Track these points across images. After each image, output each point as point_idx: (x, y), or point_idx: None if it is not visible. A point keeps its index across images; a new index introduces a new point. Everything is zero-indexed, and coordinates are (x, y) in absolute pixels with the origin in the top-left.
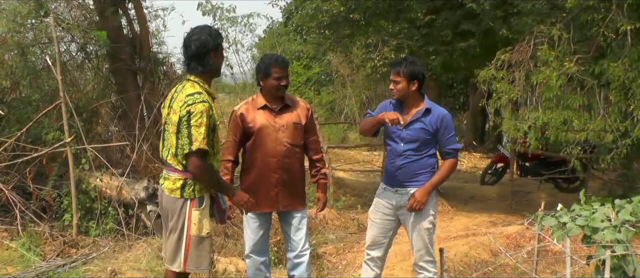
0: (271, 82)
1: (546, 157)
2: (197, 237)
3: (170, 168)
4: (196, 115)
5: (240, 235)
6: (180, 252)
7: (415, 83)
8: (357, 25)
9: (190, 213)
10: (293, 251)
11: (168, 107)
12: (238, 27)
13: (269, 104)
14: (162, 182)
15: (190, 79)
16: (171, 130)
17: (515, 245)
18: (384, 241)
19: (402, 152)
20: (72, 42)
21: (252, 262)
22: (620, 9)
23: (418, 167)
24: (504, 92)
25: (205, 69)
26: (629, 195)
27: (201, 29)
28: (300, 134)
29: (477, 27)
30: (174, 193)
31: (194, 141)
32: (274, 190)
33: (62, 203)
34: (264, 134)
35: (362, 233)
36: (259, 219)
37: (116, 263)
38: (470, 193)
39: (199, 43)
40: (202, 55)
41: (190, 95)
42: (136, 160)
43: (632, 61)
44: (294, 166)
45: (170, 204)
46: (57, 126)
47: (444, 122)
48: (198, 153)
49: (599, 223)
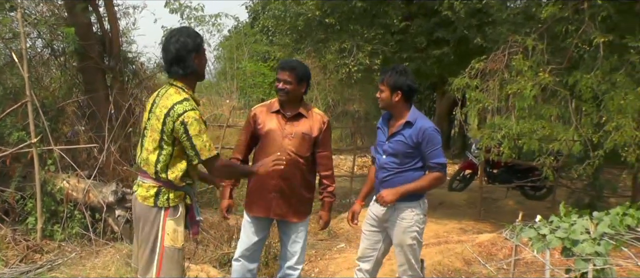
0: (276, 84)
1: (514, 165)
2: (171, 248)
3: (144, 175)
4: (192, 125)
5: (211, 241)
6: (153, 264)
7: (398, 94)
8: (332, 30)
9: (165, 223)
10: (286, 261)
11: (149, 112)
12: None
13: (282, 109)
14: (136, 189)
15: (174, 84)
16: (151, 137)
17: (488, 253)
18: (372, 254)
19: (383, 164)
20: (39, 38)
21: (240, 266)
22: (593, 21)
23: (403, 180)
24: (478, 101)
25: (186, 71)
26: (596, 204)
27: (179, 30)
28: (308, 145)
29: (451, 35)
30: (147, 201)
31: (201, 153)
32: (269, 196)
33: (25, 205)
34: (271, 138)
35: (333, 240)
36: (255, 225)
37: (84, 270)
38: (438, 200)
39: (179, 45)
40: (182, 58)
41: (178, 104)
42: (104, 162)
43: (604, 73)
44: (294, 177)
45: (144, 213)
46: (22, 125)
47: (426, 136)
48: (213, 161)
49: (579, 236)
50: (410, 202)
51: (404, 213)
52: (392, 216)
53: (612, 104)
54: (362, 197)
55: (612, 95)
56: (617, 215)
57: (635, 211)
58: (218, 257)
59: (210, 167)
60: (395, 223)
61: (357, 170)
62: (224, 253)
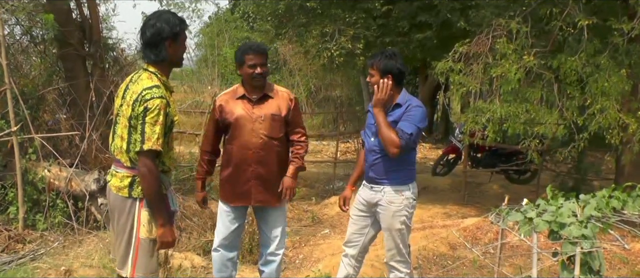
0: (246, 70)
1: (498, 149)
2: (147, 239)
3: (118, 165)
4: (153, 112)
5: (194, 228)
6: (129, 255)
7: (388, 77)
8: (313, 14)
9: (139, 213)
10: (267, 247)
11: (121, 98)
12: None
13: (247, 93)
14: (110, 178)
15: (148, 69)
16: (123, 123)
17: (473, 237)
18: (359, 239)
19: (372, 146)
20: (17, 25)
21: (219, 256)
22: (577, 4)
23: (392, 163)
24: (462, 85)
25: (158, 58)
26: (580, 187)
27: (159, 14)
28: (279, 126)
29: (434, 18)
30: (121, 192)
31: (147, 140)
32: (248, 184)
33: (6, 195)
34: (241, 125)
35: (317, 226)
36: (233, 213)
37: (67, 260)
38: (422, 184)
39: (154, 30)
40: (155, 43)
41: (147, 89)
42: (86, 150)
43: (588, 56)
44: (270, 160)
45: (118, 203)
46: (1, 114)
47: (409, 108)
48: (150, 154)
49: (566, 219)
50: (400, 185)
51: (393, 196)
52: (382, 200)
53: (596, 87)
54: (353, 181)
55: (596, 77)
56: (603, 198)
57: (620, 193)
58: (202, 245)
59: (144, 159)
60: (384, 207)
61: (340, 155)
62: (207, 241)
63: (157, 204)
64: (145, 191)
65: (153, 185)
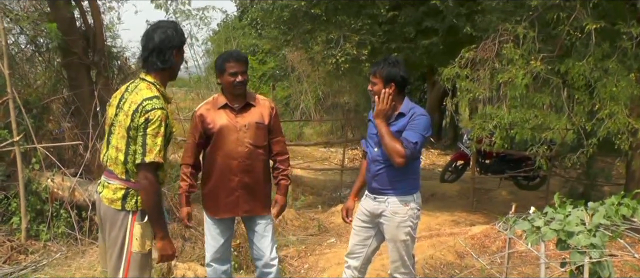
0: (227, 79)
1: (506, 155)
2: (138, 253)
3: (110, 176)
4: (154, 123)
5: (199, 238)
6: (120, 269)
7: (391, 86)
8: (319, 21)
9: (132, 227)
10: (260, 259)
11: (116, 107)
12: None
13: (229, 103)
14: (100, 190)
15: (146, 79)
16: (119, 134)
17: (481, 245)
18: (361, 251)
19: (376, 157)
20: (21, 34)
21: (213, 271)
22: (584, 8)
23: (396, 174)
24: (469, 91)
25: (165, 66)
26: (589, 192)
27: (168, 23)
28: (263, 134)
29: (440, 24)
30: (114, 204)
31: (149, 152)
32: (235, 195)
33: (9, 205)
34: (225, 134)
35: (324, 235)
36: (220, 226)
37: (69, 271)
38: (430, 191)
39: (165, 36)
40: (164, 50)
41: (148, 100)
42: (90, 160)
43: (596, 60)
44: (256, 168)
45: (110, 215)
46: (3, 124)
47: (413, 117)
48: (151, 166)
49: (574, 227)
50: (404, 195)
51: (397, 207)
52: (386, 210)
53: (605, 91)
54: (355, 192)
55: (604, 82)
56: (612, 205)
57: (630, 200)
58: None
59: (145, 171)
60: (388, 218)
61: (348, 162)
62: None
63: (158, 217)
64: (145, 204)
65: (154, 198)
